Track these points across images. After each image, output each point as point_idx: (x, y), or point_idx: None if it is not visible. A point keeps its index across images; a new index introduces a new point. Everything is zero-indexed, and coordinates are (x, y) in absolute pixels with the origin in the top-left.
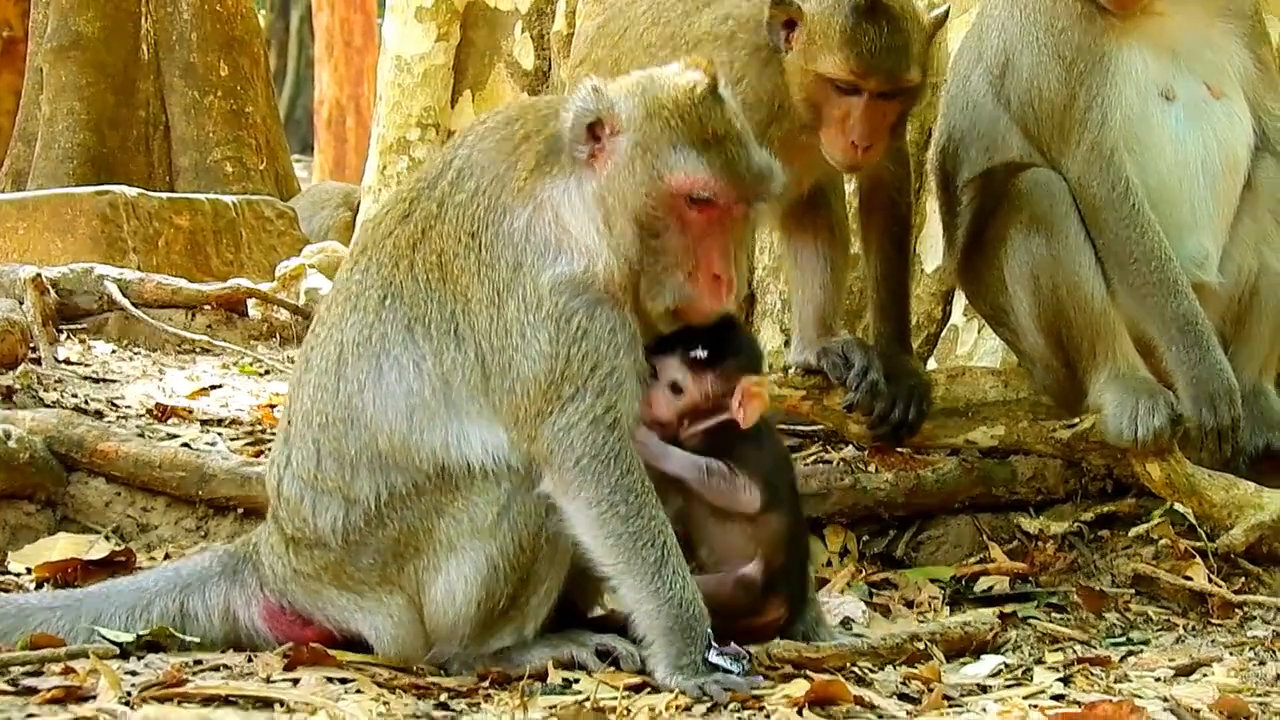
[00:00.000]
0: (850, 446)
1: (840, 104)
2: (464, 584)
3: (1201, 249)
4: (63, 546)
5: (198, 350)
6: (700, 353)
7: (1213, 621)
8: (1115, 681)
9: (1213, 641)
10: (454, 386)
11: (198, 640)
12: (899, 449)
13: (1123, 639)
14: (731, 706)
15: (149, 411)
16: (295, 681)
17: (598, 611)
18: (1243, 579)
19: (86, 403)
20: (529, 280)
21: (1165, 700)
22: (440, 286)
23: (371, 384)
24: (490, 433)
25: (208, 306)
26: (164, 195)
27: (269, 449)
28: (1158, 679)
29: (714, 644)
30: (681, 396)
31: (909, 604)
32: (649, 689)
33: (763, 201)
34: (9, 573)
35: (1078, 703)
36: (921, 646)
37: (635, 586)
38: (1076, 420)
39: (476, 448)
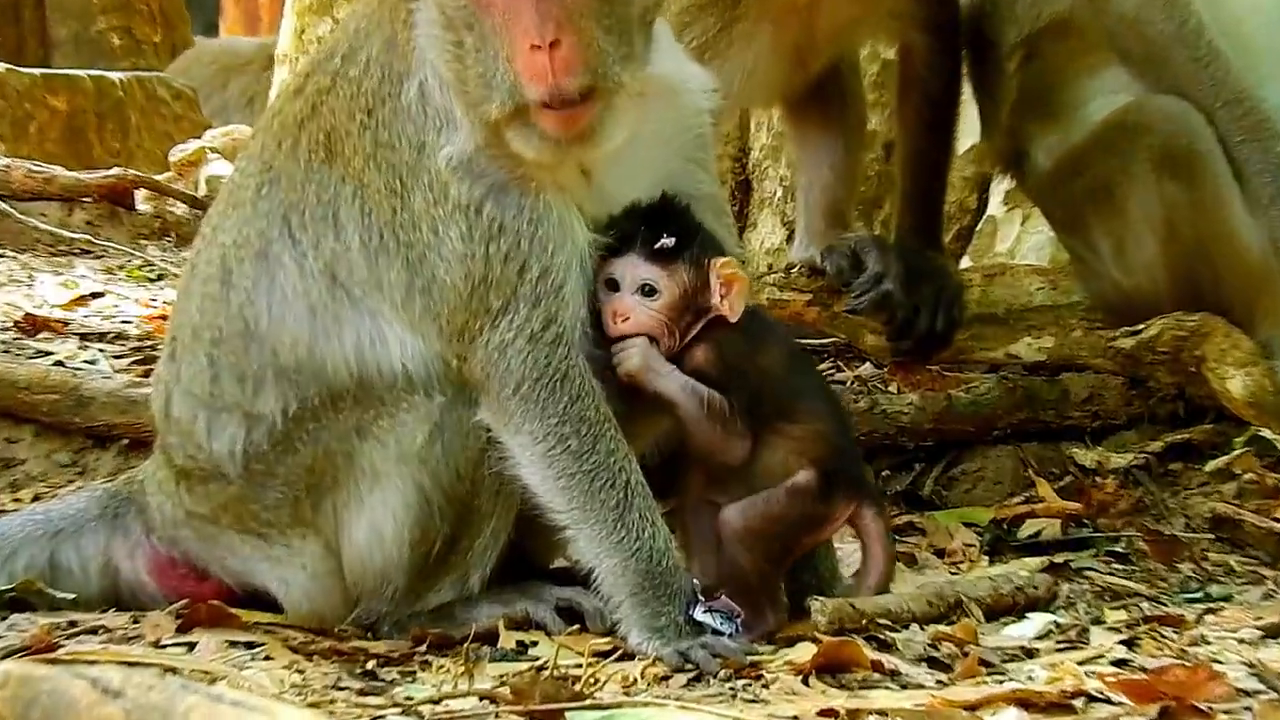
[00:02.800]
0: (867, 363)
1: None
2: (392, 522)
3: None
4: None
5: (76, 251)
6: (667, 240)
7: None
8: (1190, 644)
9: None
10: (340, 281)
11: (72, 597)
12: (926, 365)
13: (1199, 594)
14: (721, 674)
15: (16, 324)
16: (191, 646)
17: (560, 564)
18: None
19: None
20: (432, 163)
21: (1250, 666)
22: (324, 169)
23: (263, 291)
24: (409, 335)
25: (88, 199)
26: (37, 71)
27: None
28: (1241, 641)
29: (700, 598)
30: (658, 298)
31: (939, 553)
32: (621, 654)
33: None
34: None
35: (1144, 669)
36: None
37: (594, 537)
38: (1141, 326)
39: (395, 350)
